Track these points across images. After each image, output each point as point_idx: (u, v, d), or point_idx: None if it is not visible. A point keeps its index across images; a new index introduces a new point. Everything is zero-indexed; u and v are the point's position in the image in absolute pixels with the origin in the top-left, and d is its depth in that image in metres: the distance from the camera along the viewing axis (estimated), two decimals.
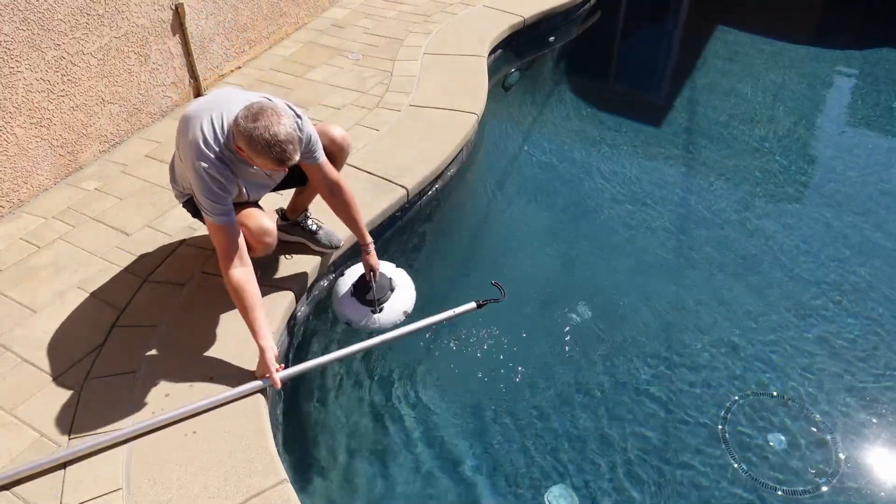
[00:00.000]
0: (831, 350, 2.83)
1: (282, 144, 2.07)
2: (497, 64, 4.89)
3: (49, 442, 2.14)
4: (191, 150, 2.19)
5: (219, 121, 2.21)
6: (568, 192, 3.86)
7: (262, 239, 2.41)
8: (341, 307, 2.74)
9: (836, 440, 2.49)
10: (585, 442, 2.49)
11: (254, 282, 2.29)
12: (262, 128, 2.06)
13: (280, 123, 2.08)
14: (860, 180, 3.93)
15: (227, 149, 2.21)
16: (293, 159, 2.13)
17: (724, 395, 2.65)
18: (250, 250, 2.47)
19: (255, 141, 2.07)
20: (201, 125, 2.20)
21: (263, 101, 2.14)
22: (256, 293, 2.28)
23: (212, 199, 2.21)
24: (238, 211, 2.38)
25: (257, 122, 2.07)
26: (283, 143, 2.07)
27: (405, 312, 2.74)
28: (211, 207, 2.23)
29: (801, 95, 4.86)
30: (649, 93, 5.25)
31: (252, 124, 2.07)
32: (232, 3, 4.25)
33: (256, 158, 2.12)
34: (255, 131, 2.06)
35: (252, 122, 2.07)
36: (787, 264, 3.28)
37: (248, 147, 2.10)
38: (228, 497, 1.95)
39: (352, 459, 2.46)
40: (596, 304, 3.05)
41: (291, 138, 2.10)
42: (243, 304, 2.25)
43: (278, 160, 2.10)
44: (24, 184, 3.22)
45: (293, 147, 2.11)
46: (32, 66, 3.11)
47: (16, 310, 2.64)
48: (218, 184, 2.20)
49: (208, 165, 2.18)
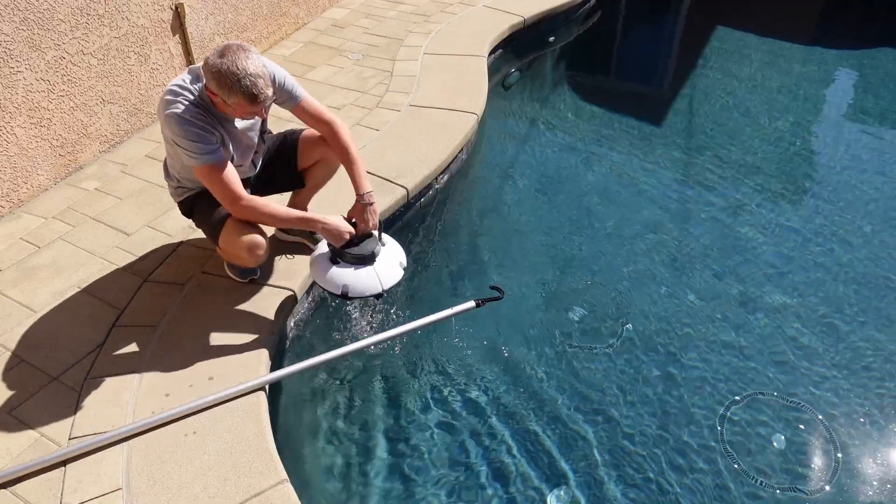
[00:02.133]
0: (832, 350, 2.84)
1: (251, 77, 2.05)
2: (497, 64, 4.89)
3: (49, 442, 2.14)
4: (163, 105, 2.18)
5: (189, 75, 2.22)
6: (568, 191, 3.85)
7: (253, 252, 2.40)
8: (330, 276, 2.41)
9: (836, 440, 2.49)
10: (583, 442, 2.49)
11: (260, 199, 2.34)
12: (228, 62, 2.04)
13: (248, 59, 2.06)
14: (860, 180, 3.93)
15: (202, 99, 2.20)
16: (265, 93, 2.09)
17: (724, 395, 2.65)
18: (238, 260, 2.48)
19: (224, 76, 2.04)
20: (173, 82, 2.21)
21: (229, 43, 2.11)
22: (271, 203, 2.36)
23: (193, 139, 2.16)
24: (227, 221, 2.38)
25: (224, 56, 2.05)
26: (252, 75, 2.05)
27: (401, 263, 2.50)
28: (194, 148, 2.17)
29: (800, 95, 4.86)
30: (649, 92, 5.25)
31: (219, 59, 2.05)
32: (232, 3, 4.25)
33: (228, 97, 2.08)
34: (223, 66, 2.04)
35: (219, 58, 2.05)
36: (787, 263, 3.28)
37: (218, 85, 2.07)
38: (228, 497, 1.95)
39: (352, 459, 2.46)
40: (596, 304, 3.06)
41: (261, 72, 2.08)
42: (273, 216, 2.34)
43: (250, 95, 2.06)
44: (24, 184, 3.22)
45: (264, 81, 2.08)
46: (32, 66, 3.11)
47: (16, 310, 2.64)
48: (196, 125, 2.16)
49: (182, 109, 2.15)
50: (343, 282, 2.38)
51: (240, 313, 2.56)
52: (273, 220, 2.39)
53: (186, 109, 2.16)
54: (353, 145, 2.49)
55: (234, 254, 2.44)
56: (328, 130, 2.48)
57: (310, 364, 2.36)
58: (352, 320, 2.87)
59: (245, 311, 2.57)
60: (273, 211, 2.34)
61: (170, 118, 2.17)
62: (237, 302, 2.61)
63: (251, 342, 2.44)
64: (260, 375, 2.31)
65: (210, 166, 2.22)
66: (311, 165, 2.69)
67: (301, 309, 2.80)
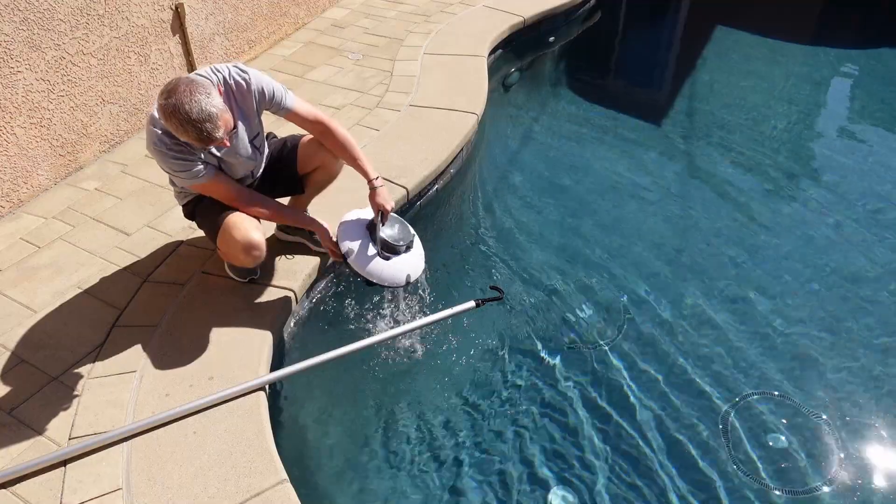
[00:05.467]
0: (832, 350, 2.84)
1: (195, 123, 2.01)
2: (497, 64, 4.89)
3: (49, 442, 2.14)
4: (146, 134, 2.23)
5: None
6: (568, 191, 3.85)
7: (249, 252, 2.40)
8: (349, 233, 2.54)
9: (836, 440, 2.49)
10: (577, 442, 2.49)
11: (258, 195, 2.49)
12: (174, 103, 2.00)
13: (193, 100, 1.99)
14: (859, 178, 3.93)
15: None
16: (214, 136, 2.06)
17: (723, 395, 2.65)
18: (236, 261, 2.48)
19: (169, 118, 2.03)
20: (153, 109, 2.21)
21: (181, 78, 2.07)
22: (268, 199, 2.51)
23: (176, 170, 2.25)
24: (227, 217, 2.39)
25: (169, 98, 2.02)
26: (195, 120, 2.00)
27: (408, 276, 2.54)
28: (184, 175, 2.26)
29: (800, 94, 4.86)
30: (649, 92, 5.25)
31: (165, 101, 2.02)
32: (232, 3, 4.25)
33: (180, 136, 2.09)
34: (168, 107, 2.01)
35: (165, 99, 2.02)
36: (786, 262, 3.28)
37: (167, 125, 2.07)
38: (228, 497, 1.95)
39: (351, 459, 2.46)
40: (596, 303, 3.06)
41: (209, 112, 2.01)
42: (270, 214, 2.51)
43: (198, 138, 2.05)
44: (24, 184, 3.22)
45: (212, 124, 2.03)
46: (32, 66, 3.11)
47: (16, 310, 2.64)
48: (175, 155, 2.20)
49: (158, 141, 2.19)
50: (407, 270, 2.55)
51: (240, 313, 2.56)
52: (270, 217, 2.55)
53: (161, 141, 2.19)
54: (350, 138, 2.53)
55: (232, 255, 2.45)
56: (322, 129, 2.50)
57: (310, 364, 2.36)
58: (352, 320, 2.87)
59: (245, 311, 2.57)
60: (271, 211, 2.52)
61: (150, 150, 2.25)
62: (237, 302, 2.61)
63: (251, 342, 2.44)
64: (260, 375, 2.31)
65: (202, 185, 2.32)
66: (310, 171, 2.69)
67: (301, 309, 2.81)
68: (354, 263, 2.49)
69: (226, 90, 2.27)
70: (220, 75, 2.27)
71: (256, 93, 2.34)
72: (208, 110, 2.02)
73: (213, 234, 2.45)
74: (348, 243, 2.52)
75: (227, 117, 2.11)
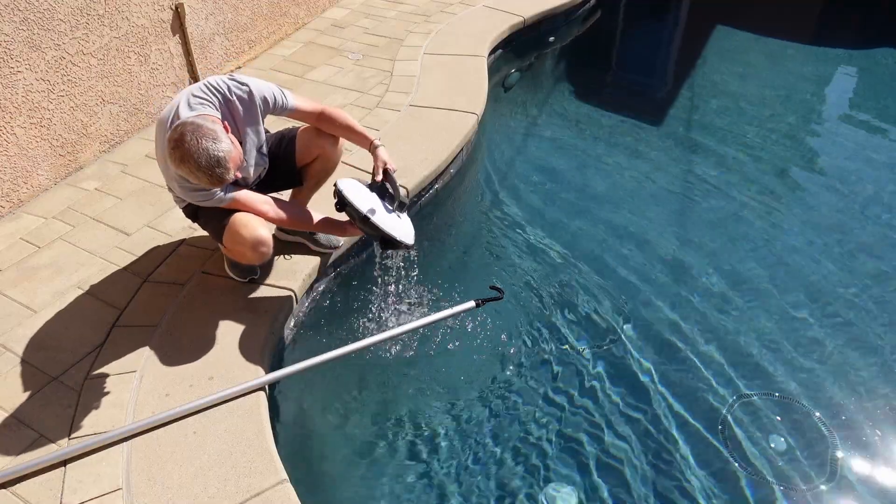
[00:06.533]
0: (831, 350, 2.84)
1: (205, 171, 2.07)
2: (497, 64, 4.89)
3: (49, 442, 2.14)
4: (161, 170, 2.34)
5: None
6: (568, 191, 3.86)
7: (257, 249, 2.41)
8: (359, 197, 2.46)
9: (836, 440, 2.49)
10: (574, 441, 2.50)
11: (294, 205, 2.63)
12: (180, 156, 2.05)
13: (200, 149, 2.04)
14: (862, 178, 3.93)
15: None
16: (226, 178, 2.12)
17: (724, 395, 2.65)
18: (243, 258, 2.49)
19: (179, 167, 2.09)
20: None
21: (185, 123, 2.09)
22: (305, 211, 2.60)
23: (202, 199, 2.33)
24: (234, 215, 2.40)
25: (176, 149, 2.06)
26: (205, 168, 2.06)
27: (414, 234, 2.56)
28: (209, 203, 2.32)
29: (800, 94, 4.86)
30: (649, 92, 5.25)
31: (171, 150, 2.08)
32: (232, 3, 4.25)
33: (191, 181, 2.16)
34: (176, 158, 2.07)
35: (171, 149, 2.08)
36: (785, 262, 3.28)
37: (178, 171, 2.13)
38: (228, 497, 1.95)
39: (351, 459, 2.46)
40: (596, 302, 3.06)
41: (215, 161, 2.06)
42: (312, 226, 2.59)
43: (209, 183, 2.12)
44: (24, 184, 3.22)
45: (221, 169, 2.08)
46: (32, 66, 3.11)
47: (16, 310, 2.64)
48: (192, 187, 2.27)
49: (178, 180, 2.25)
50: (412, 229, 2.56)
51: (240, 313, 2.56)
52: (311, 228, 2.62)
53: (179, 182, 2.27)
54: (344, 112, 2.58)
55: (239, 252, 2.45)
56: (322, 117, 2.54)
57: (310, 364, 2.36)
58: (352, 319, 2.87)
59: (245, 311, 2.57)
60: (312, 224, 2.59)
61: (177, 184, 2.34)
62: (237, 302, 2.61)
63: (251, 342, 2.44)
64: (260, 375, 2.31)
65: (231, 204, 2.38)
66: (309, 162, 2.69)
67: (301, 309, 2.81)
68: (379, 221, 2.41)
69: (229, 109, 2.31)
70: (220, 94, 2.29)
71: (260, 102, 2.37)
72: (216, 156, 2.06)
73: (219, 232, 2.45)
74: (366, 204, 2.44)
75: (235, 155, 2.14)
